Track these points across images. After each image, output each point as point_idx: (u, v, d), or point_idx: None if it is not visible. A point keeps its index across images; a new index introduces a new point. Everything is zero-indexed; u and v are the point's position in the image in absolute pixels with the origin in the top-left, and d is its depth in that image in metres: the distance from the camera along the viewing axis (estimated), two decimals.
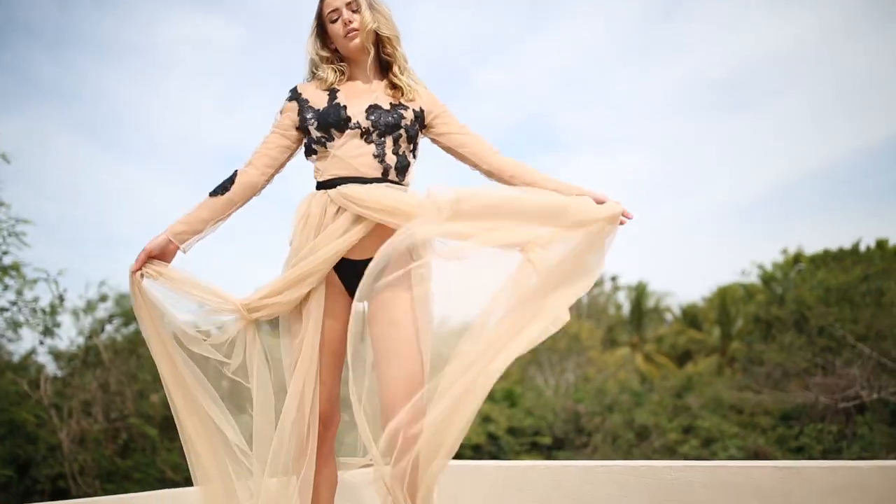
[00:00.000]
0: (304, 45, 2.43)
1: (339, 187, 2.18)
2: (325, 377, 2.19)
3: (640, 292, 24.17)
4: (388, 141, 2.24)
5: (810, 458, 12.73)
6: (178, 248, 2.26)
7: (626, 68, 33.17)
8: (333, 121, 2.23)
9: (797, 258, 19.26)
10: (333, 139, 2.24)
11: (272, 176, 2.35)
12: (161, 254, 2.25)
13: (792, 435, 13.73)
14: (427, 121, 2.36)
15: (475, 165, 2.38)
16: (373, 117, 2.24)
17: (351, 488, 3.02)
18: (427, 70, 2.45)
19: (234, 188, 2.27)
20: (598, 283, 24.92)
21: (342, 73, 2.37)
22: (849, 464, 2.57)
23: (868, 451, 11.46)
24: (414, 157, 2.33)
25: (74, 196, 23.29)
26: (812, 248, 20.06)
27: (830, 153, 33.30)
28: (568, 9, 32.16)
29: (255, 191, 2.32)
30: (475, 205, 2.09)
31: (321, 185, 2.25)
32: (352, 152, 2.22)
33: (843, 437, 12.78)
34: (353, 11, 2.31)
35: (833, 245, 18.44)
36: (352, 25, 2.30)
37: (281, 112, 2.35)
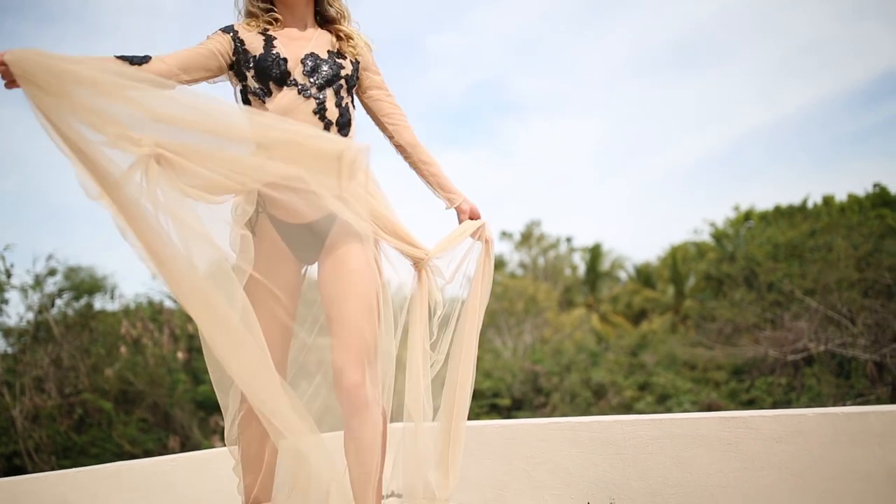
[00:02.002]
0: None
1: None
2: (275, 336, 2.12)
3: (594, 253, 24.41)
4: (329, 93, 2.14)
5: (761, 409, 13.04)
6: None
7: (579, 31, 33.16)
8: (271, 73, 2.10)
9: (747, 216, 19.60)
10: (271, 93, 2.11)
11: (182, 82, 2.07)
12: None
13: (743, 388, 14.07)
14: (361, 77, 2.31)
15: (390, 136, 2.39)
16: (310, 68, 2.13)
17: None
18: (382, 36, 2.40)
19: (148, 66, 1.97)
20: (554, 245, 25.14)
21: (276, 20, 2.22)
22: (792, 412, 2.63)
23: (816, 402, 11.80)
24: (353, 106, 2.26)
25: (14, 167, 22.69)
26: (763, 205, 20.43)
27: (778, 111, 33.79)
28: None
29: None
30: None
31: None
32: (290, 108, 2.09)
33: (792, 389, 13.14)
34: None
35: (783, 202, 18.80)
36: None
37: (210, 37, 2.16)
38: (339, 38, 2.27)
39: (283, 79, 2.11)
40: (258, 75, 2.11)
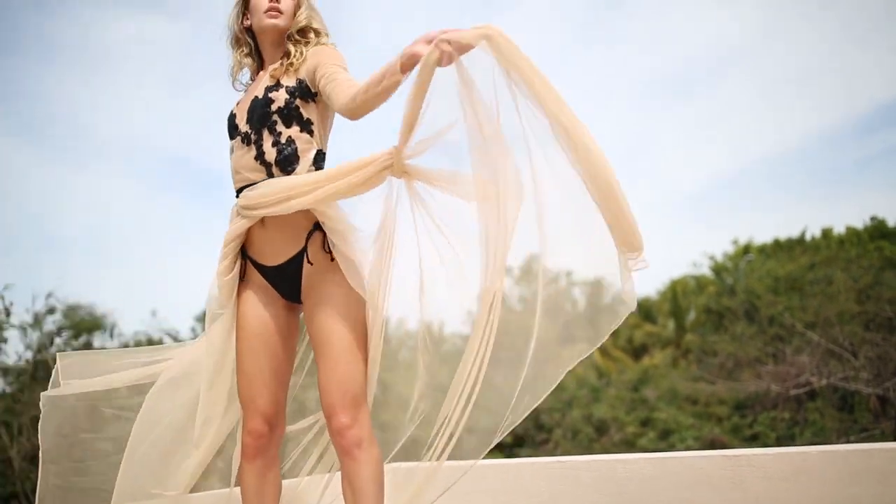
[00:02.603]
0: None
1: (238, 199, 2.13)
2: (267, 379, 2.15)
3: (595, 288, 24.35)
4: (265, 134, 2.10)
5: (765, 445, 12.98)
6: None
7: (574, 58, 33.48)
8: (229, 129, 2.21)
9: (746, 249, 19.62)
10: (233, 149, 2.19)
11: None
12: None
13: (746, 424, 13.97)
14: (314, 83, 2.12)
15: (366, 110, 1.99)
16: (248, 116, 2.14)
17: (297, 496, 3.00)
18: (376, 65, 2.35)
19: None
20: (554, 280, 25.10)
21: (252, 59, 2.30)
22: (796, 450, 2.62)
23: (819, 437, 11.73)
24: (309, 133, 2.13)
25: (12, 201, 22.78)
26: (761, 238, 20.44)
27: (775, 143, 34.02)
28: (516, 5, 32.35)
29: None
30: None
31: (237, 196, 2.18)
32: (240, 160, 2.14)
33: (795, 424, 13.06)
34: None
35: (781, 235, 18.84)
36: (277, 4, 2.21)
37: None
38: (281, 63, 2.20)
39: (233, 132, 2.19)
40: (228, 135, 2.23)
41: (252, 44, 2.31)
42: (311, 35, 2.22)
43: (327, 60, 2.08)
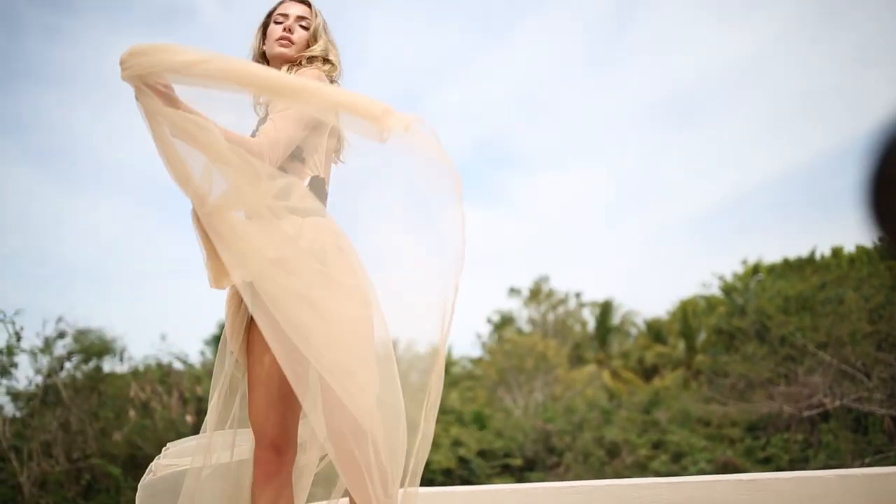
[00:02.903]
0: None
1: None
2: (276, 404, 2.14)
3: (605, 309, 24.32)
4: None
5: (778, 468, 12.87)
6: None
7: (581, 84, 33.63)
8: None
9: (756, 269, 19.55)
10: None
11: None
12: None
13: (759, 446, 13.85)
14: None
15: None
16: None
17: None
18: (384, 94, 2.39)
19: None
20: (563, 301, 25.06)
21: None
22: (812, 474, 2.60)
23: (834, 459, 11.61)
24: (300, 161, 2.14)
25: (23, 228, 22.93)
26: (770, 257, 20.37)
27: (783, 164, 33.99)
28: (519, 29, 32.56)
29: None
30: None
31: None
32: None
33: (809, 446, 12.94)
34: (302, 27, 2.29)
35: (791, 254, 18.78)
36: (289, 34, 2.26)
37: None
38: None
39: None
40: None
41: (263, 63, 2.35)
42: (318, 63, 2.25)
43: (272, 111, 2.10)
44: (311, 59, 2.27)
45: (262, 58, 2.36)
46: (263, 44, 2.35)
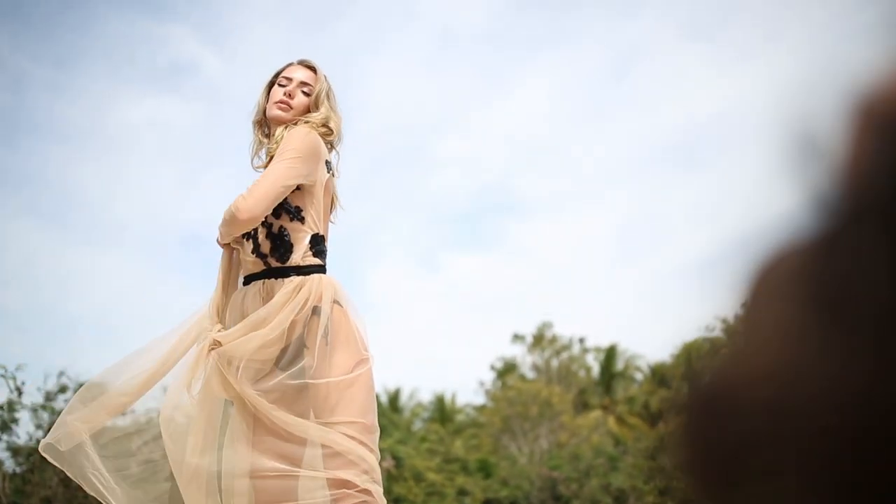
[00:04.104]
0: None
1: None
2: None
3: (609, 354, 24.20)
4: (259, 228, 2.20)
5: None
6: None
7: (581, 131, 33.95)
8: None
9: None
10: (240, 241, 2.28)
11: None
12: None
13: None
14: None
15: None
16: None
17: None
18: (387, 143, 2.43)
19: None
20: (567, 347, 24.96)
21: (264, 147, 2.38)
22: None
23: None
24: (300, 220, 2.22)
25: (25, 282, 22.97)
26: None
27: (783, 207, 34.04)
28: (519, 77, 32.99)
29: None
30: None
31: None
32: (243, 252, 2.25)
33: None
34: (304, 93, 2.31)
35: None
36: (288, 99, 2.30)
37: None
38: (269, 152, 2.34)
39: None
40: None
41: (268, 127, 2.41)
42: (313, 124, 2.28)
43: (282, 146, 2.18)
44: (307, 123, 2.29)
45: (261, 123, 2.41)
46: (264, 103, 2.40)
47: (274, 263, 2.17)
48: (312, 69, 2.37)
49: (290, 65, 2.38)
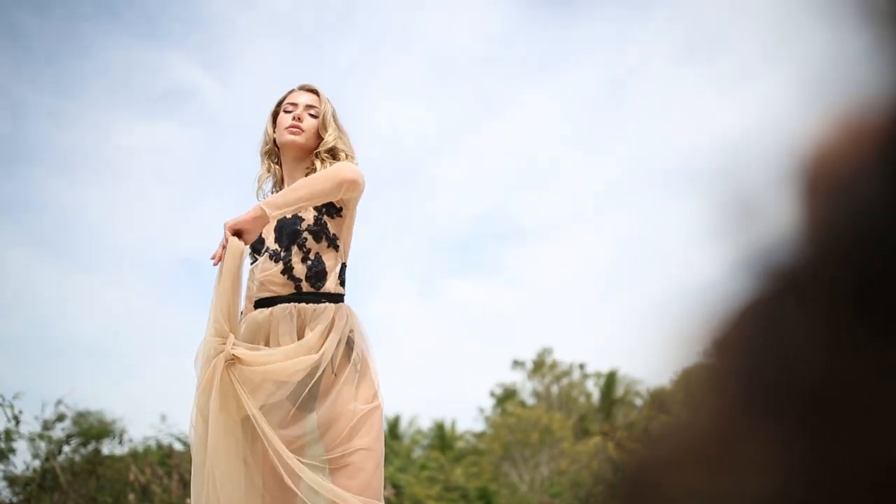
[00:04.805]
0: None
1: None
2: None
3: (609, 380, 24.12)
4: (294, 250, 2.21)
5: None
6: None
7: (577, 156, 34.06)
8: (251, 245, 2.24)
9: None
10: (256, 261, 2.27)
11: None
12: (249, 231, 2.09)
13: None
14: (342, 202, 2.28)
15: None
16: (277, 233, 2.24)
17: None
18: (384, 167, 2.45)
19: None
20: (567, 373, 24.88)
21: (275, 174, 2.40)
22: None
23: None
24: (335, 248, 2.25)
25: (22, 309, 22.90)
26: None
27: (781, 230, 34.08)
28: (515, 104, 33.18)
29: None
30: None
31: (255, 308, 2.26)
32: (264, 272, 2.22)
33: None
34: (311, 115, 2.34)
35: None
36: (299, 123, 2.32)
37: None
38: None
39: (259, 246, 2.26)
40: (250, 251, 2.28)
41: (277, 156, 2.42)
42: (342, 156, 2.32)
43: (342, 164, 2.23)
44: (331, 151, 2.33)
45: (275, 145, 2.41)
46: (272, 132, 2.41)
47: (307, 288, 2.18)
48: (315, 92, 2.40)
49: (291, 91, 2.41)
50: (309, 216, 2.22)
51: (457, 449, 21.51)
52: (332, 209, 2.25)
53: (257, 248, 2.26)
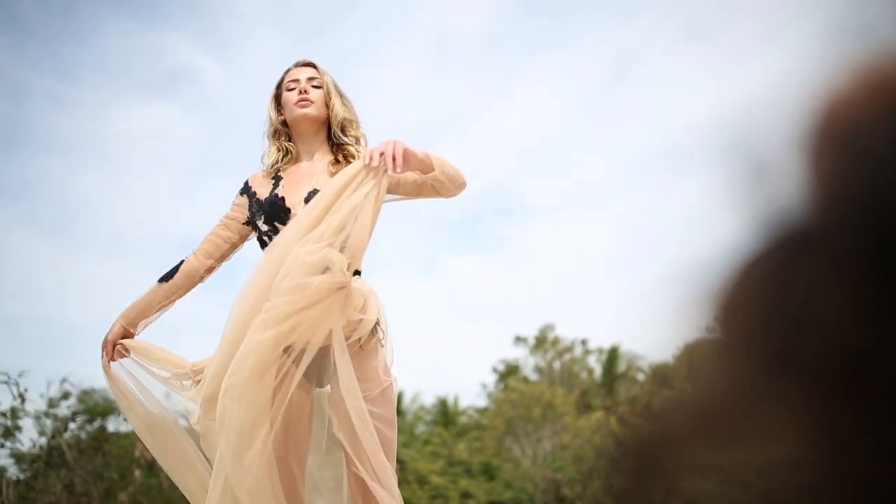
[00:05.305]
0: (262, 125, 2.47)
1: None
2: (293, 467, 2.13)
3: (611, 355, 24.20)
4: None
5: None
6: (132, 334, 2.40)
7: (582, 133, 33.93)
8: (273, 212, 2.22)
9: None
10: (279, 231, 2.19)
11: (214, 266, 2.40)
12: (120, 341, 2.39)
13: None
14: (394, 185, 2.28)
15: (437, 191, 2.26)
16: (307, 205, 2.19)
17: None
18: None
19: (176, 276, 2.36)
20: (569, 349, 24.96)
21: (288, 151, 2.37)
22: None
23: None
24: None
25: (27, 291, 22.97)
26: None
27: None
28: (519, 82, 33.00)
29: (194, 279, 2.38)
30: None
31: None
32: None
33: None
34: (315, 87, 2.35)
35: None
36: (306, 95, 2.32)
37: (233, 202, 2.38)
38: (338, 162, 2.33)
39: (285, 215, 2.22)
40: (266, 218, 2.24)
41: (287, 135, 2.41)
42: (351, 131, 2.35)
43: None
44: (343, 129, 2.35)
45: (284, 125, 2.41)
46: (281, 114, 2.41)
47: None
48: (312, 65, 2.41)
49: (288, 70, 2.42)
50: None
51: (460, 424, 21.62)
52: None
53: (282, 217, 2.22)
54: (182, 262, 2.37)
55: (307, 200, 2.19)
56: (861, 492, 0.25)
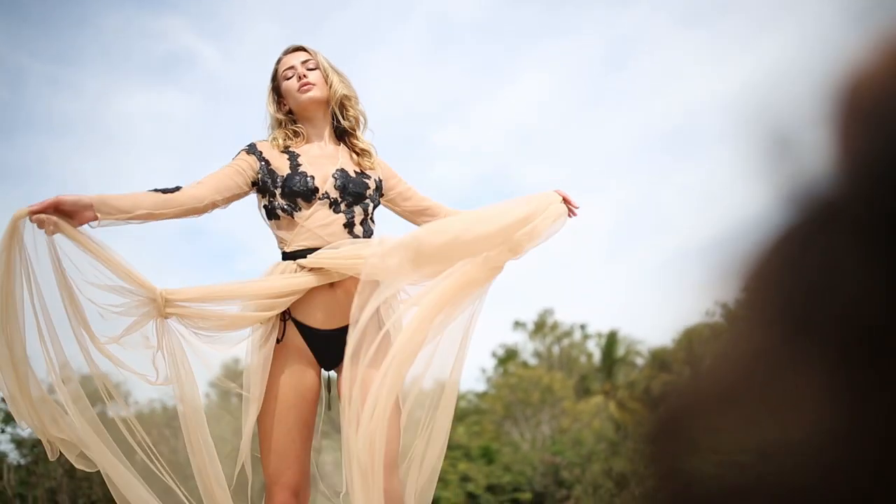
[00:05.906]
0: (262, 108, 2.44)
1: (315, 253, 2.14)
2: (299, 452, 2.14)
3: (610, 340, 24.21)
4: (357, 210, 2.23)
5: None
6: (95, 217, 1.95)
7: (580, 119, 33.84)
8: (300, 190, 2.18)
9: None
10: (300, 209, 2.20)
11: (217, 203, 2.19)
12: (71, 212, 1.92)
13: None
14: (384, 190, 2.37)
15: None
16: (340, 185, 2.22)
17: None
18: (387, 134, 2.48)
19: (180, 192, 2.11)
20: (568, 333, 24.97)
21: (296, 134, 2.34)
22: None
23: None
24: (373, 222, 2.32)
25: None
26: None
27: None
28: (518, 68, 32.88)
29: (197, 206, 2.14)
30: (433, 246, 2.05)
31: (288, 256, 2.19)
32: (320, 222, 2.18)
33: None
34: (310, 69, 2.34)
35: None
36: (307, 79, 2.31)
37: (235, 158, 2.27)
38: (357, 153, 2.35)
39: (312, 195, 2.20)
40: (286, 194, 2.20)
41: (292, 122, 2.39)
42: (350, 108, 2.38)
43: (400, 178, 2.43)
44: (342, 106, 2.37)
45: (288, 115, 2.39)
46: (281, 106, 2.39)
47: None
48: (301, 49, 2.40)
49: (279, 60, 2.41)
50: (372, 185, 2.28)
51: (459, 409, 21.65)
52: (380, 191, 2.34)
53: (307, 195, 2.20)
54: (178, 187, 2.13)
55: (334, 176, 2.23)
56: (882, 466, 0.25)
